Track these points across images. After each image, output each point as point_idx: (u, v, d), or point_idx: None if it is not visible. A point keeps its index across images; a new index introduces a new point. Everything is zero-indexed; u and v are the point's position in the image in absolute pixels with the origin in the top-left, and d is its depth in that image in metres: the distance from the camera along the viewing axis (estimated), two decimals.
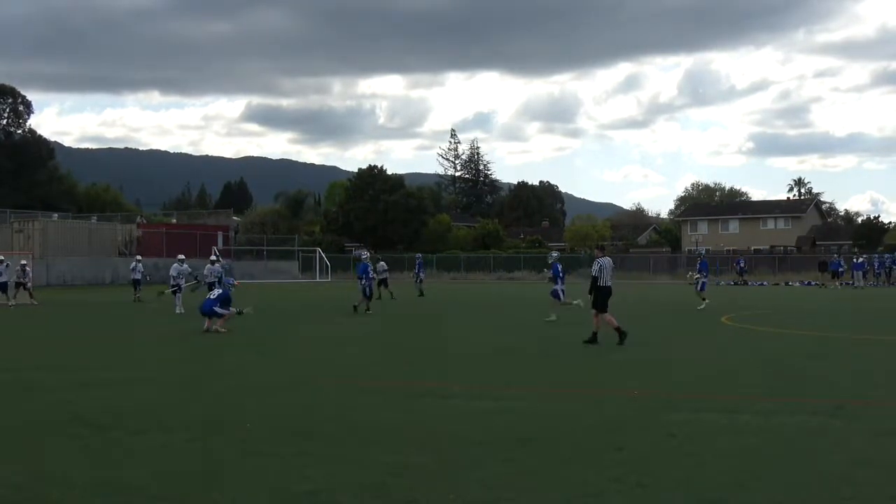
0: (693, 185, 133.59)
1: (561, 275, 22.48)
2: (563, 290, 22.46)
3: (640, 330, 20.10)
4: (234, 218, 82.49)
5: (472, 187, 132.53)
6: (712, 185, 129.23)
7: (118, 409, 9.16)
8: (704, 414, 8.83)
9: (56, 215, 61.61)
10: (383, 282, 33.54)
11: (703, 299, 27.11)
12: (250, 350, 15.52)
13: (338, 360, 14.17)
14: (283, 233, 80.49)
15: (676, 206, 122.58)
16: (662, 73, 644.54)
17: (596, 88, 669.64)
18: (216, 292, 19.81)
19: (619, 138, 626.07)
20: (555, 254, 24.43)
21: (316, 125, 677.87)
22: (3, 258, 30.58)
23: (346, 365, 13.40)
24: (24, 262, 32.45)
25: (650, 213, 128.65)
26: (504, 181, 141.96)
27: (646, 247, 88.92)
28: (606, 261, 15.98)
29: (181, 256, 27.50)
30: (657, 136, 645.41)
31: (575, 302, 22.41)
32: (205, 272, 30.77)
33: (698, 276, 27.98)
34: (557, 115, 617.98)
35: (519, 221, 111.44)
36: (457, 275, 69.73)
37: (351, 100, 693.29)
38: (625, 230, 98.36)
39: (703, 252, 31.29)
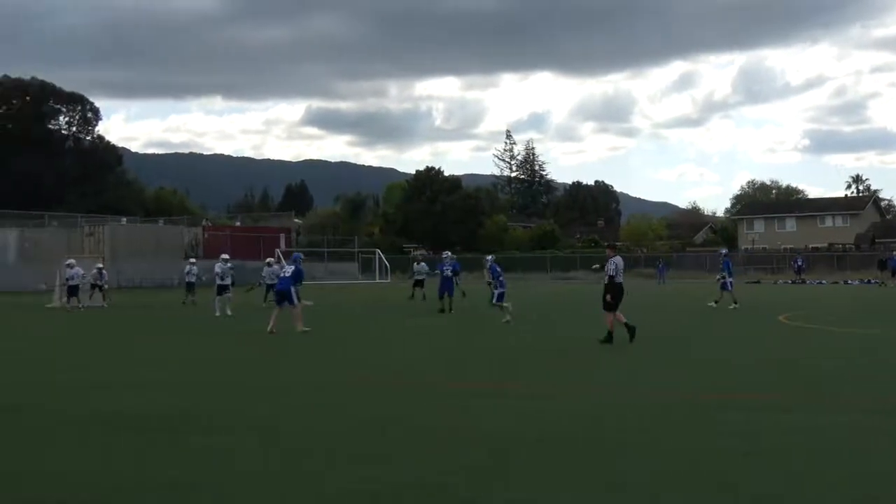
0: (749, 183, 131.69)
1: (500, 277, 22.38)
2: (503, 293, 22.24)
3: (697, 328, 19.96)
4: (296, 220, 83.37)
5: (527, 188, 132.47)
6: (768, 183, 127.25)
7: (182, 409, 9.34)
8: (756, 413, 8.73)
9: (125, 219, 62.96)
10: (419, 283, 33.69)
11: (735, 301, 26.90)
12: (304, 351, 15.63)
13: (391, 360, 14.20)
14: (343, 234, 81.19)
15: (732, 205, 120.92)
16: (716, 70, 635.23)
17: (650, 87, 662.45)
18: (288, 269, 19.28)
19: (673, 137, 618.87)
20: (490, 256, 24.39)
21: (373, 127, 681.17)
22: (73, 262, 31.26)
23: (400, 365, 13.44)
24: (100, 265, 33.24)
25: (706, 212, 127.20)
26: (559, 181, 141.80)
27: (702, 246, 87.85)
28: (619, 259, 16.13)
29: (224, 256, 27.22)
30: (712, 135, 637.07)
31: (508, 318, 22.00)
32: (263, 274, 31.22)
33: (722, 276, 27.69)
34: (612, 115, 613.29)
35: (575, 221, 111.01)
36: (513, 275, 69.52)
37: (407, 102, 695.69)
38: (681, 229, 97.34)
39: (725, 252, 31.16)
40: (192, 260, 36.18)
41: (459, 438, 7.53)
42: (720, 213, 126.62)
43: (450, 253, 28.78)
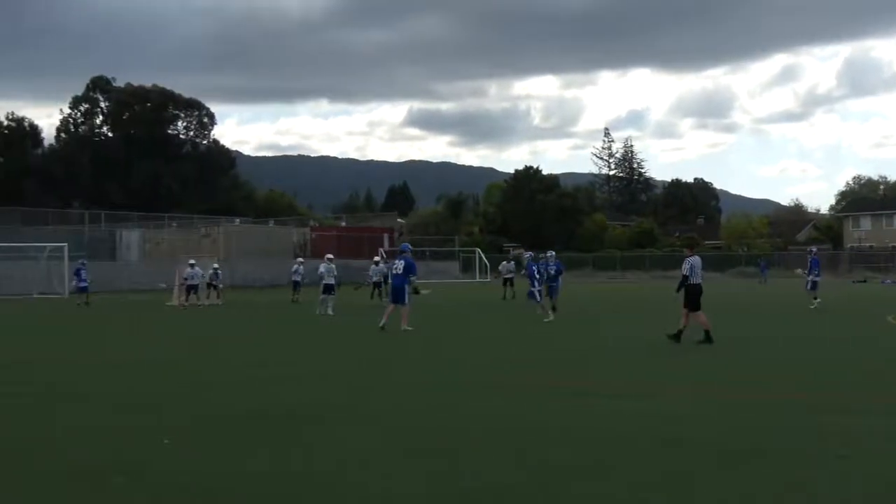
0: (854, 178, 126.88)
1: (537, 276, 22.50)
2: (539, 292, 22.46)
3: (802, 329, 19.46)
4: (399, 220, 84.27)
5: (626, 186, 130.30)
6: (876, 179, 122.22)
7: (299, 401, 9.62)
8: (858, 417, 8.48)
9: (238, 220, 64.93)
10: (508, 281, 33.93)
11: (815, 298, 26.18)
12: (410, 349, 15.79)
13: (491, 359, 14.19)
14: (444, 234, 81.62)
15: (837, 202, 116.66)
16: (820, 63, 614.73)
17: (750, 81, 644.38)
18: (399, 264, 18.91)
19: (775, 132, 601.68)
20: (528, 253, 24.36)
21: (473, 127, 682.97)
22: (194, 261, 32.29)
23: (500, 364, 13.45)
24: (216, 265, 34.40)
25: (809, 209, 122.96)
26: (658, 179, 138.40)
27: (805, 244, 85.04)
28: (696, 259, 15.86)
29: (329, 256, 27.27)
30: (815, 129, 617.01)
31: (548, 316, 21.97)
32: (369, 272, 31.81)
33: (810, 275, 27.03)
34: (711, 111, 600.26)
35: (674, 219, 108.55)
36: (613, 274, 68.55)
37: (506, 101, 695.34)
38: (783, 227, 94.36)
39: (814, 250, 30.41)
40: (300, 259, 36.94)
41: (552, 438, 7.55)
42: (824, 209, 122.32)
43: (553, 252, 28.30)
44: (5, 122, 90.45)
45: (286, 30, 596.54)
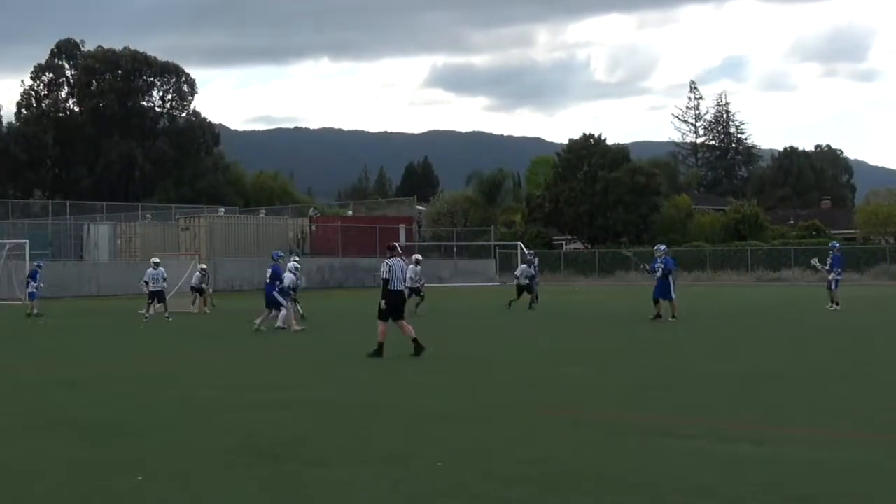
0: None
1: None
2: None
3: None
4: (418, 207, 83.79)
5: (719, 157, 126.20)
6: None
7: (293, 435, 9.68)
8: None
9: (223, 209, 64.99)
10: (526, 287, 33.47)
11: (833, 301, 27.43)
12: (436, 369, 15.67)
13: (547, 383, 13.98)
14: (476, 224, 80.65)
15: None
16: None
17: None
18: (267, 272, 23.66)
19: None
20: (662, 247, 25.72)
21: (515, 87, 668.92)
22: (157, 260, 31.47)
23: (558, 389, 13.30)
24: (203, 266, 34.89)
25: None
26: (765, 147, 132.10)
27: None
28: (396, 262, 17.09)
29: (280, 252, 27.28)
30: None
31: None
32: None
33: (831, 272, 27.99)
34: (842, 53, 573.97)
35: (787, 201, 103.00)
36: (700, 274, 64.56)
37: (559, 50, 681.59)
38: None
39: (837, 245, 30.47)
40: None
41: (633, 488, 7.35)
42: None
43: (664, 246, 27.57)
44: None
45: None
